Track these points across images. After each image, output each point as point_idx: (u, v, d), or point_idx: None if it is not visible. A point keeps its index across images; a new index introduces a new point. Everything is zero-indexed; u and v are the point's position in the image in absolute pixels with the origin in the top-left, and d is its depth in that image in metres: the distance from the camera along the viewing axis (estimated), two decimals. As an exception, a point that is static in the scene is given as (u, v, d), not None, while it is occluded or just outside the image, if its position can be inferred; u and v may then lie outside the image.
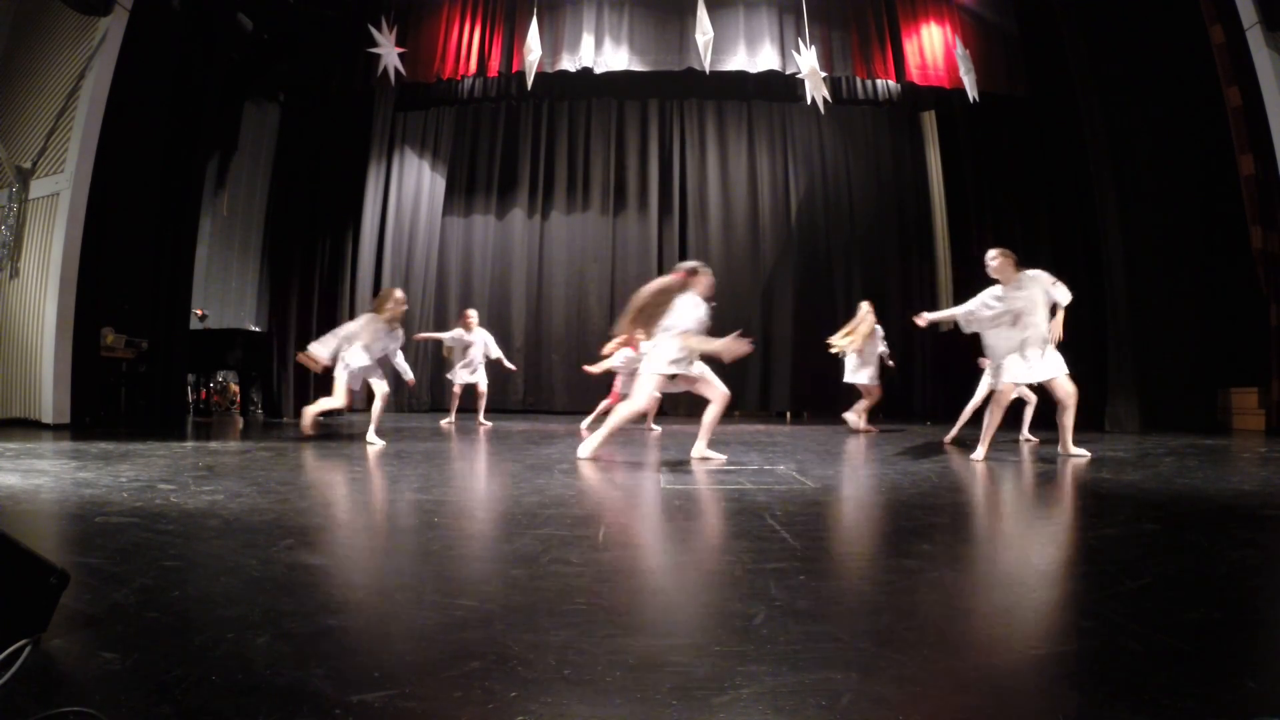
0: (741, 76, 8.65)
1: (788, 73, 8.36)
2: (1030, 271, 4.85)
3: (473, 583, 2.00)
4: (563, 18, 8.45)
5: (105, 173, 6.70)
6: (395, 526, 2.80)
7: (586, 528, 2.58)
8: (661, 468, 4.28)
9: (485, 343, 8.24)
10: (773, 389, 10.86)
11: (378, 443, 5.39)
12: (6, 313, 6.73)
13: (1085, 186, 7.87)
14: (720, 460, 4.58)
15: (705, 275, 4.72)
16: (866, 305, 7.54)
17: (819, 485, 3.64)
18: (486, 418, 8.23)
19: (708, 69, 8.01)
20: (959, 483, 3.70)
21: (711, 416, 4.74)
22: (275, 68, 9.13)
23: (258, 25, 8.72)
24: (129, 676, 1.26)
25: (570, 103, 11.22)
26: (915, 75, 8.34)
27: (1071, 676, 1.30)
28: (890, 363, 7.65)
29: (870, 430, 7.21)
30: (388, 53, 8.32)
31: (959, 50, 8.10)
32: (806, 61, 7.87)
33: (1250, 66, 6.44)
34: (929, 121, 11.13)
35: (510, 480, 3.71)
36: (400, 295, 5.92)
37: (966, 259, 10.19)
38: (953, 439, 5.82)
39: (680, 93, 10.58)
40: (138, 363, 7.54)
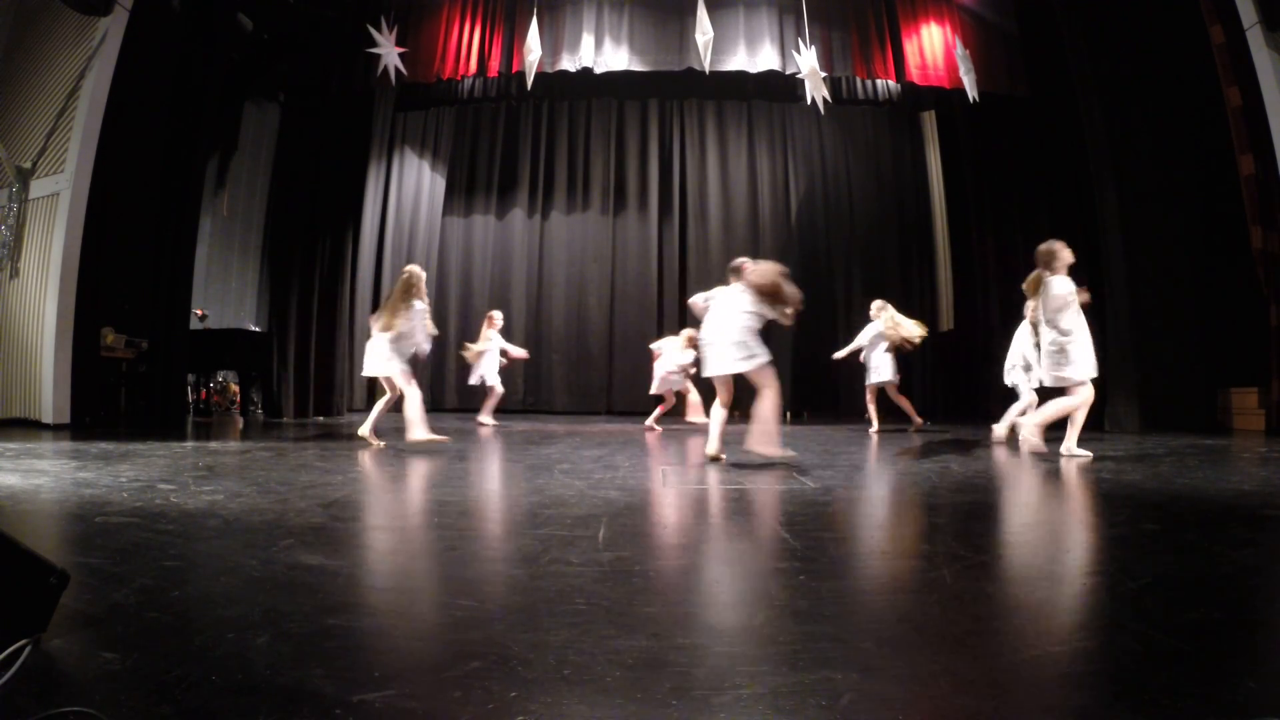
0: (741, 76, 8.64)
1: (788, 73, 8.35)
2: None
3: (473, 583, 1.99)
4: (563, 18, 8.44)
5: (105, 173, 6.69)
6: (396, 527, 2.80)
7: (586, 528, 2.58)
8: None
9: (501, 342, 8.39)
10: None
11: (376, 442, 5.38)
12: (6, 313, 6.73)
13: (1085, 186, 7.87)
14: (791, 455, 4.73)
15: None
16: (881, 303, 7.57)
17: (819, 485, 3.64)
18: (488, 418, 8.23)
19: (708, 69, 8.01)
20: (959, 483, 3.70)
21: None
22: (275, 68, 9.13)
23: (258, 25, 8.72)
24: (129, 676, 1.26)
25: (570, 103, 11.22)
26: (915, 75, 8.34)
27: (1071, 676, 1.30)
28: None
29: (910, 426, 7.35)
30: (387, 53, 8.32)
31: (959, 50, 8.10)
32: (806, 61, 7.87)
33: (1250, 66, 6.44)
34: (929, 121, 11.13)
35: (510, 480, 3.71)
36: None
37: (967, 259, 10.22)
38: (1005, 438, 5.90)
39: (680, 93, 10.58)
40: (138, 363, 7.53)
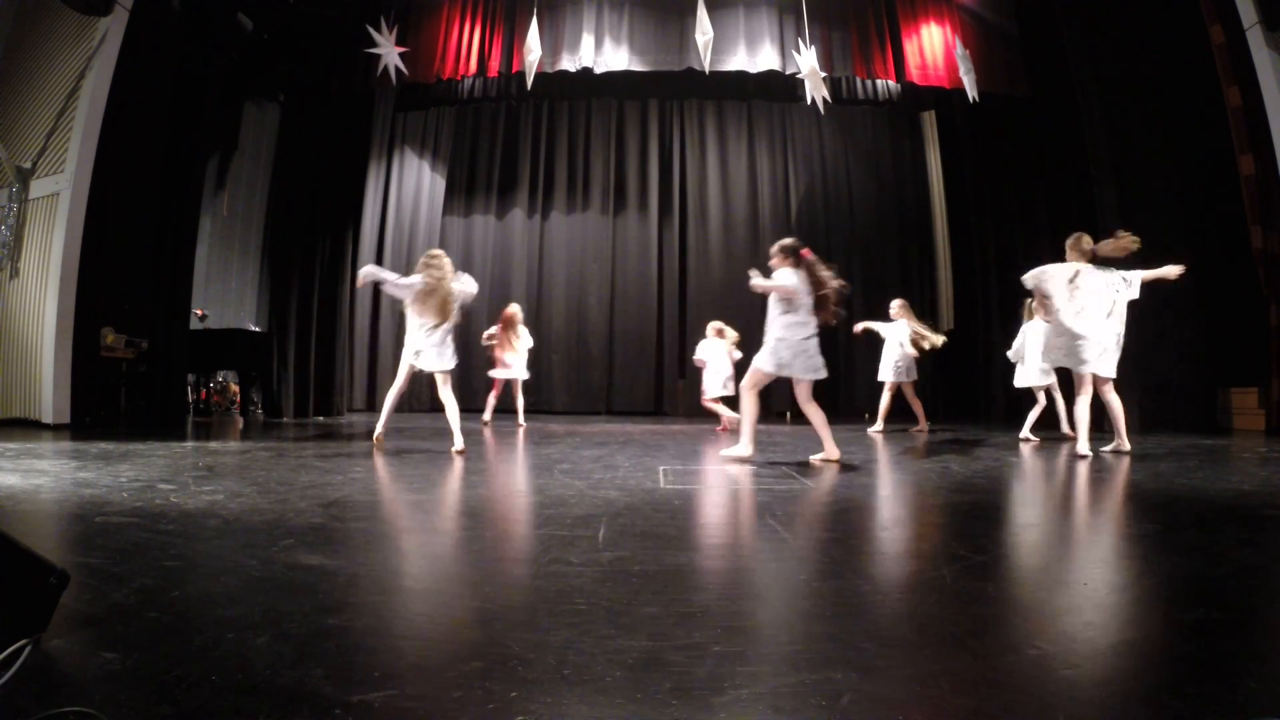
0: (741, 76, 8.64)
1: (788, 73, 8.35)
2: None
3: (473, 583, 1.99)
4: (563, 18, 8.44)
5: (105, 173, 6.69)
6: (396, 527, 2.80)
7: (586, 528, 2.58)
8: (666, 470, 4.28)
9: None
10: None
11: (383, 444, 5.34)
12: (6, 313, 6.73)
13: (1085, 186, 7.87)
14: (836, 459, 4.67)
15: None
16: (902, 302, 7.62)
17: (819, 485, 3.64)
18: (493, 417, 8.24)
19: (708, 69, 8.00)
20: (959, 483, 3.70)
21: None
22: (275, 68, 9.13)
23: (258, 25, 8.72)
24: (129, 676, 1.26)
25: (570, 103, 11.22)
26: (915, 75, 8.33)
27: (1071, 676, 1.30)
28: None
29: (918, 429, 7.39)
30: (387, 52, 8.31)
31: (959, 50, 8.10)
32: (806, 61, 7.87)
33: (1250, 66, 6.44)
34: (929, 121, 11.14)
35: (510, 480, 3.71)
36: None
37: (967, 259, 10.22)
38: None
39: (680, 93, 10.58)
40: (138, 363, 7.53)
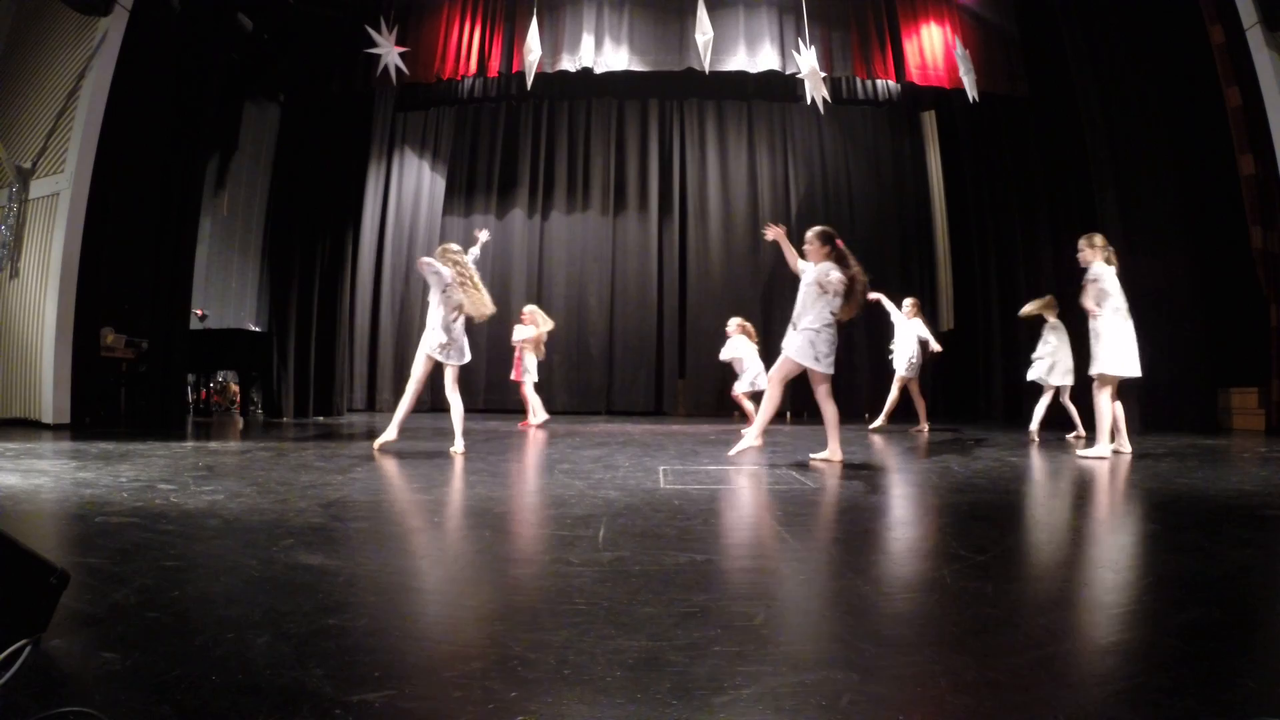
0: (741, 76, 8.64)
1: (788, 73, 8.35)
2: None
3: (472, 582, 2.00)
4: (563, 18, 8.44)
5: (105, 173, 6.69)
6: (395, 527, 2.80)
7: (586, 528, 2.58)
8: (666, 469, 4.28)
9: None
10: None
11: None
12: (6, 313, 6.73)
13: (1085, 186, 7.87)
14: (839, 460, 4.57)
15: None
16: (915, 301, 7.69)
17: (818, 485, 3.64)
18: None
19: (708, 69, 8.00)
20: (958, 483, 3.70)
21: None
22: (275, 68, 9.13)
23: (258, 25, 8.71)
24: (129, 676, 1.26)
25: (570, 103, 11.21)
26: (915, 75, 8.33)
27: (1071, 676, 1.30)
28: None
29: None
30: (387, 52, 8.31)
31: (959, 50, 8.09)
32: (806, 61, 7.86)
33: (1250, 66, 6.44)
34: (929, 121, 11.13)
35: (510, 480, 3.71)
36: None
37: (967, 259, 10.22)
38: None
39: (680, 93, 10.57)
40: (138, 363, 7.53)
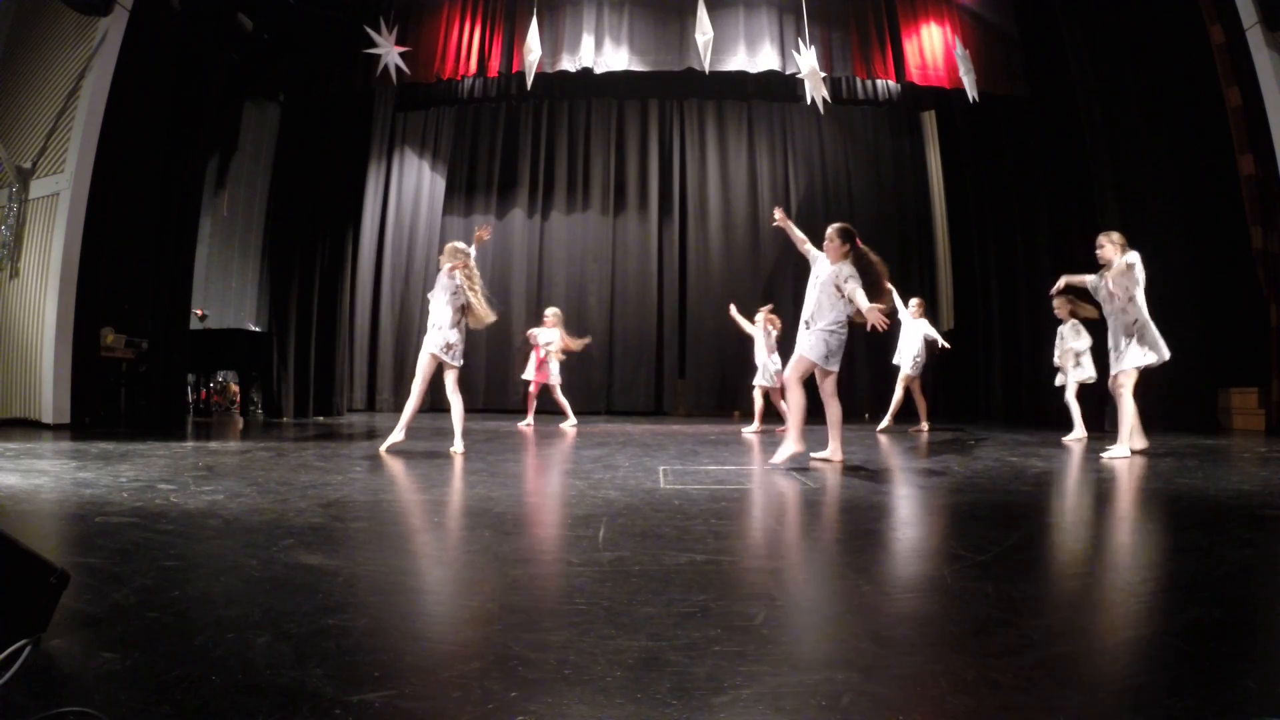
0: (741, 76, 8.63)
1: (788, 73, 8.35)
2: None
3: (472, 583, 1.99)
4: (563, 18, 8.44)
5: (105, 173, 6.69)
6: (395, 527, 2.80)
7: (586, 528, 2.58)
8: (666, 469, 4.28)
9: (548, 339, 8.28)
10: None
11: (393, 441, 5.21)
12: (6, 313, 6.73)
13: (1085, 186, 7.86)
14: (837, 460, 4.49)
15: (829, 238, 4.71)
16: (920, 301, 7.72)
17: (818, 485, 3.64)
18: (536, 418, 8.19)
19: (708, 69, 8.00)
20: (958, 484, 3.70)
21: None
22: (275, 68, 9.13)
23: (258, 25, 8.71)
24: (129, 676, 1.26)
25: (570, 103, 11.21)
26: (915, 75, 8.33)
27: (1071, 677, 1.30)
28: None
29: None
30: (387, 52, 8.31)
31: (959, 50, 8.09)
32: (806, 61, 7.86)
33: (1250, 66, 6.44)
34: (929, 121, 11.13)
35: (510, 480, 3.71)
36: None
37: (967, 259, 10.21)
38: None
39: (680, 93, 10.56)
40: (138, 363, 7.53)
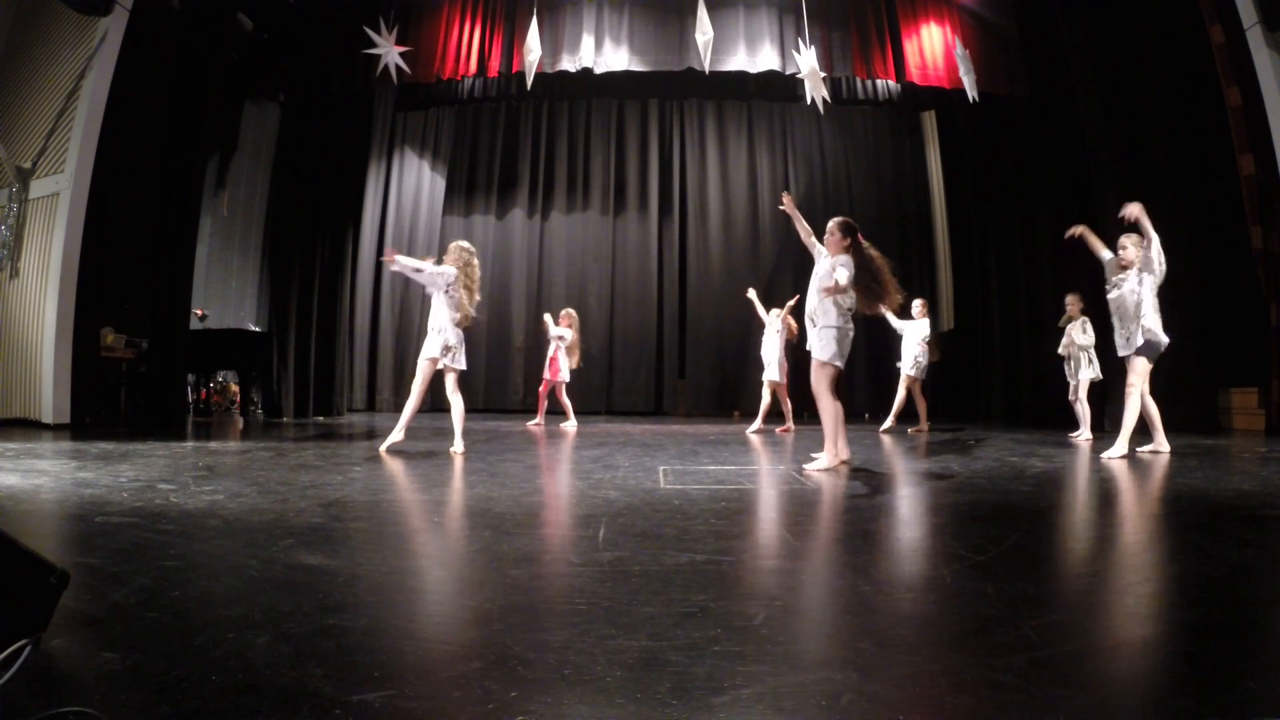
0: (741, 76, 8.64)
1: (788, 73, 8.35)
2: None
3: (472, 583, 1.99)
4: (563, 18, 8.44)
5: (105, 173, 6.69)
6: (395, 527, 2.80)
7: (586, 528, 2.58)
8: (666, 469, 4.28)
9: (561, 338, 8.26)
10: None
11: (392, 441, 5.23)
12: (6, 313, 6.72)
13: (1085, 186, 7.86)
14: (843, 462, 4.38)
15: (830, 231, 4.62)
16: (924, 302, 7.77)
17: (818, 485, 3.64)
18: (547, 419, 8.20)
19: (708, 69, 8.00)
20: (959, 484, 3.70)
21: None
22: (275, 68, 9.13)
23: (258, 25, 8.72)
24: (129, 676, 1.26)
25: (570, 103, 11.22)
26: (915, 75, 8.33)
27: (1071, 677, 1.30)
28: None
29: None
30: (387, 51, 8.31)
31: (959, 50, 8.10)
32: (806, 61, 7.87)
33: (1250, 66, 6.44)
34: (929, 121, 11.13)
35: (510, 480, 3.71)
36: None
37: (967, 259, 10.21)
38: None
39: (680, 93, 10.56)
40: (138, 363, 7.53)
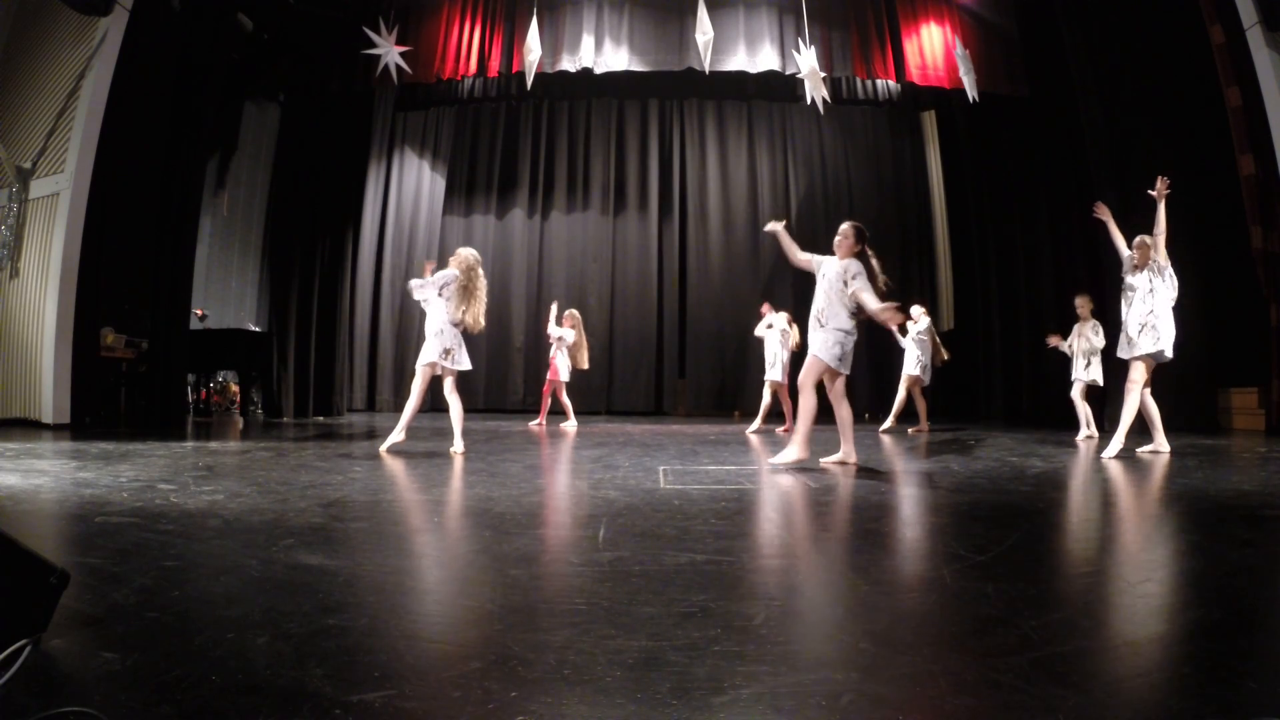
0: (741, 76, 8.64)
1: (788, 73, 8.35)
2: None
3: (472, 583, 1.99)
4: (563, 18, 8.44)
5: (105, 173, 6.69)
6: (395, 527, 2.80)
7: (586, 528, 2.58)
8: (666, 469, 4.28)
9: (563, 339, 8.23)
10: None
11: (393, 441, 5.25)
12: (6, 313, 6.73)
13: (1085, 186, 7.86)
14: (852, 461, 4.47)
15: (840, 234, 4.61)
16: (923, 309, 7.80)
17: (819, 485, 3.64)
18: (548, 419, 8.20)
19: (708, 69, 8.01)
20: (959, 484, 3.70)
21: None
22: (275, 68, 9.13)
23: (258, 25, 8.72)
24: (129, 676, 1.26)
25: (570, 103, 11.22)
26: (915, 75, 8.33)
27: (1070, 676, 1.30)
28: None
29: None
30: (387, 51, 8.32)
31: (959, 50, 8.10)
32: (806, 61, 7.87)
33: (1250, 66, 6.44)
34: (929, 121, 11.13)
35: (510, 480, 3.71)
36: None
37: (967, 259, 10.21)
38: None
39: (680, 93, 10.57)
40: (138, 363, 7.53)
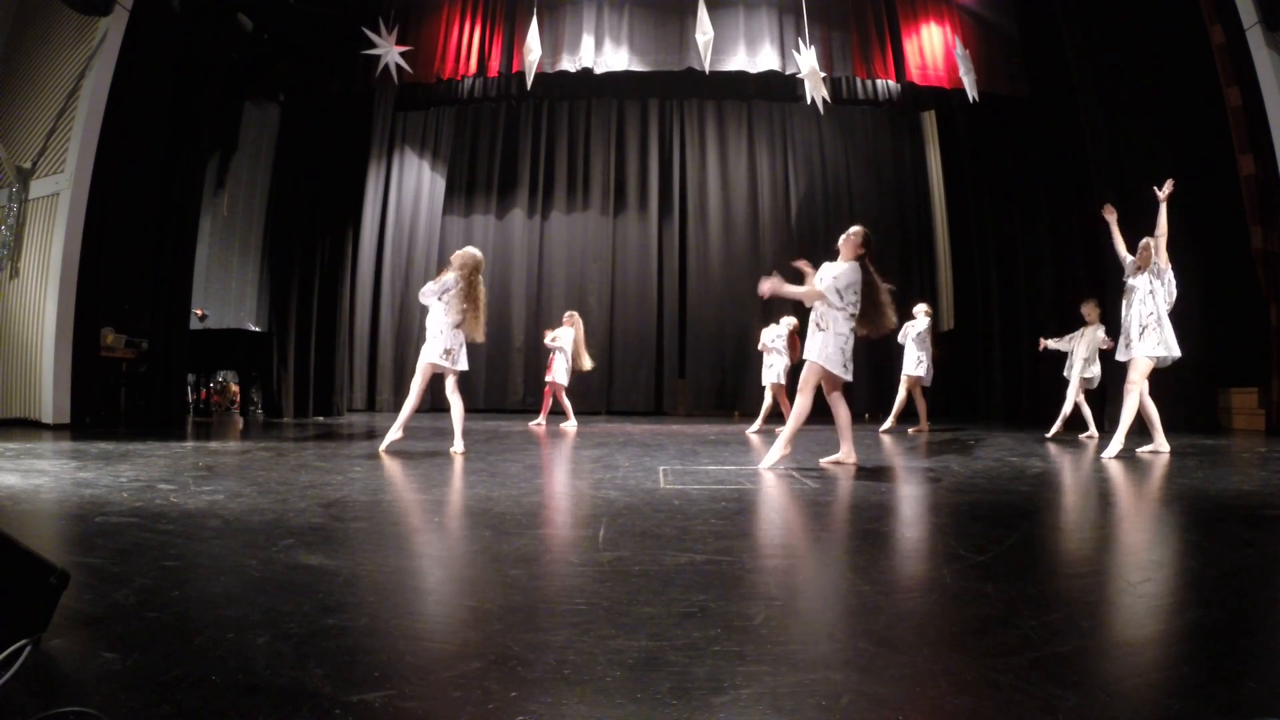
0: (741, 76, 8.64)
1: (788, 73, 8.35)
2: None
3: (472, 583, 1.99)
4: (563, 18, 8.44)
5: (105, 173, 6.69)
6: (395, 527, 2.80)
7: (586, 528, 2.58)
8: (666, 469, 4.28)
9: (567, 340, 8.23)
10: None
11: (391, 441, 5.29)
12: (6, 313, 6.73)
13: (1085, 186, 7.86)
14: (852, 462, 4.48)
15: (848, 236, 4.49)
16: (926, 308, 7.80)
17: (819, 485, 3.64)
18: (548, 419, 8.21)
19: (708, 69, 8.01)
20: (959, 484, 3.70)
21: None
22: (275, 68, 9.13)
23: (258, 25, 8.72)
24: (129, 676, 1.26)
25: (570, 103, 11.23)
26: (915, 75, 8.34)
27: (1070, 676, 1.30)
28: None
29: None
30: (387, 51, 8.32)
31: (959, 50, 8.10)
32: (806, 61, 7.87)
33: (1250, 66, 6.45)
34: (929, 121, 11.14)
35: (510, 480, 3.71)
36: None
37: (967, 259, 10.21)
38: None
39: (680, 93, 10.58)
40: (138, 363, 7.53)
